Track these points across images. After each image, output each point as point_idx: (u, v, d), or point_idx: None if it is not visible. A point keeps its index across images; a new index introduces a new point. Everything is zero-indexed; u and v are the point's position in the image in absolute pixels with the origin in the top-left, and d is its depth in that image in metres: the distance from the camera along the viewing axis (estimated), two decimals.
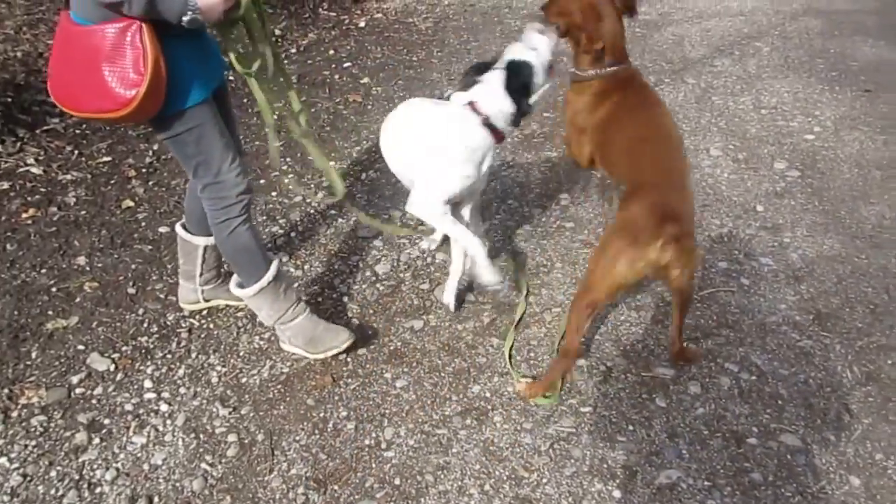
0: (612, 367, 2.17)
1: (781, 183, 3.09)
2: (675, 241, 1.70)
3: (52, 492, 1.79)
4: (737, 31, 4.95)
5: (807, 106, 3.78)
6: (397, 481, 1.83)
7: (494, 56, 2.18)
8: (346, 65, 4.48)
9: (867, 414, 1.97)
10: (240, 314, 2.38)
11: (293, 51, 4.61)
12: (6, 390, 2.07)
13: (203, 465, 1.87)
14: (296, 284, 2.49)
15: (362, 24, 5.17)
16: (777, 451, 1.87)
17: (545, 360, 2.20)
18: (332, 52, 4.65)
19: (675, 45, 4.75)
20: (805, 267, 2.56)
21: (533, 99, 2.10)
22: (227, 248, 2.01)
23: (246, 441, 1.94)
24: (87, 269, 2.58)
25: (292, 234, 2.83)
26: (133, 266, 2.61)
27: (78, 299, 2.43)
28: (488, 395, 2.08)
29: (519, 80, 2.05)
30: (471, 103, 2.08)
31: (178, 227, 2.25)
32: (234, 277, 2.12)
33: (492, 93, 2.06)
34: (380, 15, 5.39)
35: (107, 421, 1.99)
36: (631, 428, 1.96)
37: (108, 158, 3.26)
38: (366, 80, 4.28)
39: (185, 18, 1.56)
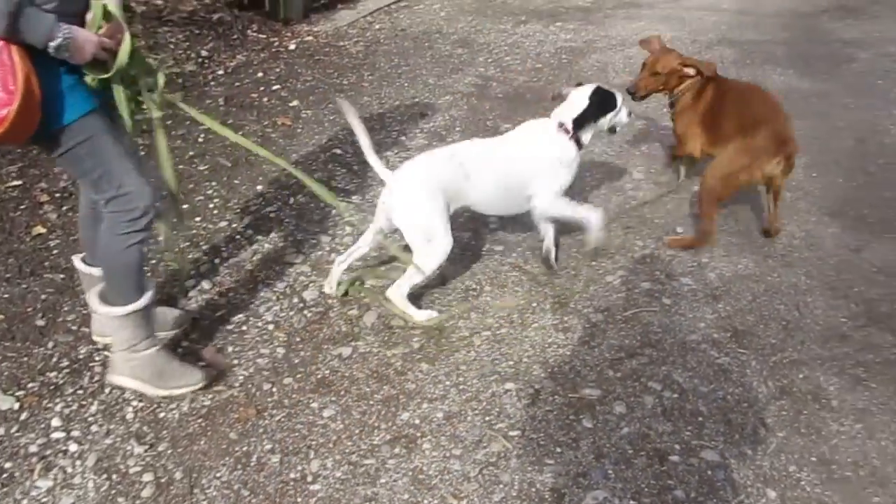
0: (540, 389, 2.18)
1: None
2: (787, 158, 2.67)
3: None
4: None
5: None
6: None
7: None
8: (275, 87, 4.43)
9: (781, 427, 2.04)
10: None
11: (220, 73, 4.53)
12: None
13: None
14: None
15: (292, 47, 5.14)
16: (698, 467, 1.92)
17: (475, 384, 2.19)
18: (260, 74, 4.59)
19: (600, 72, 4.91)
20: (722, 286, 2.66)
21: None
22: (116, 262, 1.91)
23: (163, 480, 1.85)
24: None
25: (216, 261, 2.76)
26: (43, 296, 2.48)
27: None
28: (417, 421, 2.06)
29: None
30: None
31: (76, 262, 2.15)
32: (99, 290, 2.01)
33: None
34: (310, 38, 5.37)
35: (8, 465, 1.87)
36: (559, 450, 1.97)
37: (19, 182, 3.10)
38: (295, 102, 4.24)
39: (52, 44, 1.50)
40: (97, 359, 2.23)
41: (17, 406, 2.04)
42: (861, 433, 2.02)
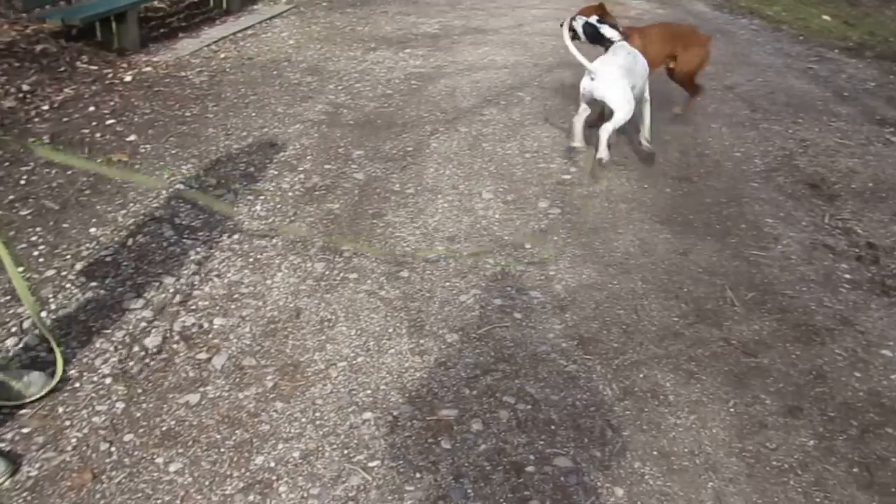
0: (399, 415, 2.17)
1: (545, 220, 3.37)
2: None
3: None
4: (502, 83, 5.37)
5: (563, 149, 4.17)
6: None
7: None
8: (109, 122, 4.17)
9: (626, 426, 2.16)
10: None
11: (45, 108, 4.20)
12: None
13: None
14: None
15: (128, 79, 4.87)
16: (552, 474, 1.98)
17: (332, 418, 2.15)
18: (92, 108, 4.30)
19: (448, 97, 5.04)
20: (568, 296, 2.79)
21: None
22: None
23: None
24: None
25: (43, 314, 2.53)
26: None
27: None
28: (272, 464, 1.98)
29: None
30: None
31: None
32: None
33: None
34: (149, 69, 5.12)
35: None
36: (418, 475, 1.97)
37: None
38: (133, 137, 4.01)
39: None
40: None
41: None
42: (695, 424, 2.19)
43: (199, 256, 2.96)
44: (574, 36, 4.06)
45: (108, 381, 2.26)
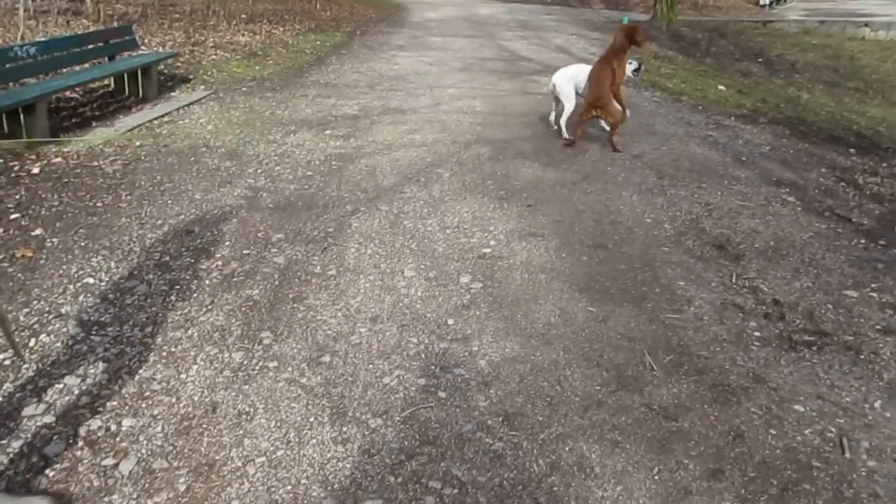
0: None
1: (467, 295, 3.39)
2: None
3: None
4: (421, 160, 5.49)
5: (483, 223, 4.26)
6: None
7: None
8: (13, 216, 4.00)
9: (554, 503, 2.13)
10: None
11: None
12: None
13: None
14: None
15: (36, 171, 4.72)
16: None
17: None
18: None
19: (369, 176, 5.10)
20: (492, 371, 2.79)
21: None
22: None
23: None
24: None
25: None
26: None
27: None
28: None
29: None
30: None
31: None
32: None
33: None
34: (59, 159, 4.98)
35: None
36: None
37: None
38: (39, 231, 3.85)
39: None
40: None
41: None
42: (622, 495, 2.18)
43: (108, 353, 2.81)
44: None
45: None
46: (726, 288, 3.51)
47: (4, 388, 2.58)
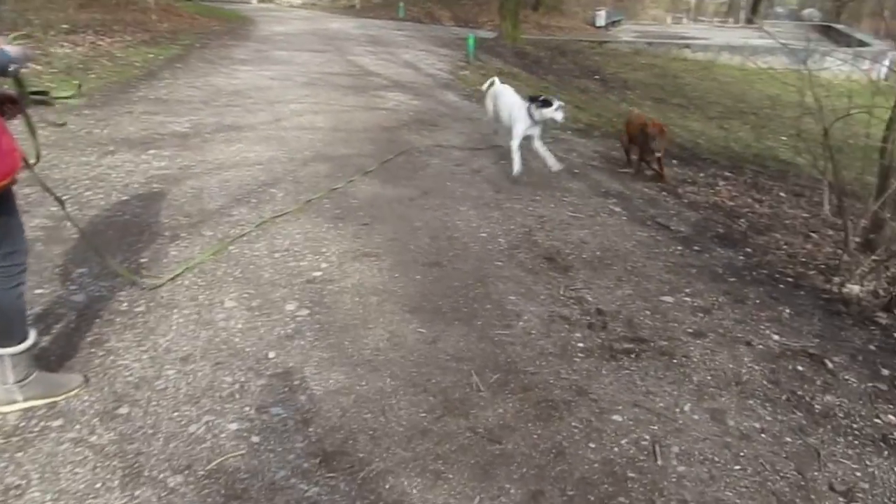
0: None
1: (292, 324, 3.18)
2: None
3: None
4: (254, 180, 5.20)
5: (315, 245, 4.07)
6: None
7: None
8: None
9: None
10: None
11: None
12: None
13: None
14: None
15: None
16: None
17: None
18: None
19: (194, 198, 4.74)
20: (313, 407, 2.60)
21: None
22: (11, 307, 2.38)
23: None
24: None
25: None
26: None
27: None
28: None
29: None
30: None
31: None
32: None
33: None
34: None
35: None
36: None
37: None
38: None
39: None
40: None
41: None
42: None
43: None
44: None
45: None
46: (554, 300, 3.56)
47: None
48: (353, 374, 2.83)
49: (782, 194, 6.65)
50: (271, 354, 2.94)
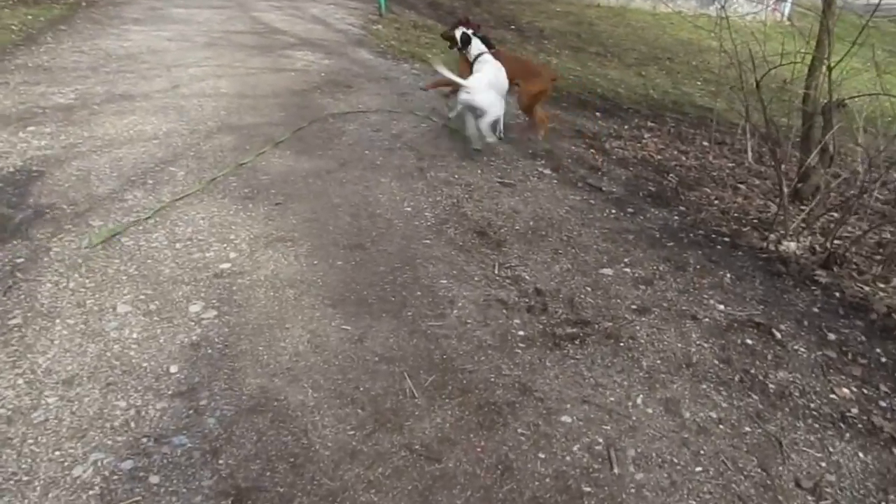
0: None
1: (197, 329, 2.79)
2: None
3: None
4: (151, 157, 4.65)
5: (222, 231, 3.64)
6: None
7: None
8: None
9: None
10: None
11: None
12: None
13: None
14: None
15: None
16: None
17: None
18: None
19: (81, 182, 4.19)
20: (223, 433, 2.26)
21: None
22: None
23: None
24: None
25: None
26: None
27: None
28: None
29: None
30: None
31: None
32: None
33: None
34: None
35: None
36: None
37: None
38: None
39: None
40: None
41: None
42: None
43: None
44: (452, 45, 5.33)
45: None
46: (489, 281, 3.30)
47: None
48: (270, 387, 2.49)
49: (705, 143, 6.61)
50: (173, 369, 2.56)
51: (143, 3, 12.59)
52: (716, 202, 4.73)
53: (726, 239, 4.01)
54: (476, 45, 5.15)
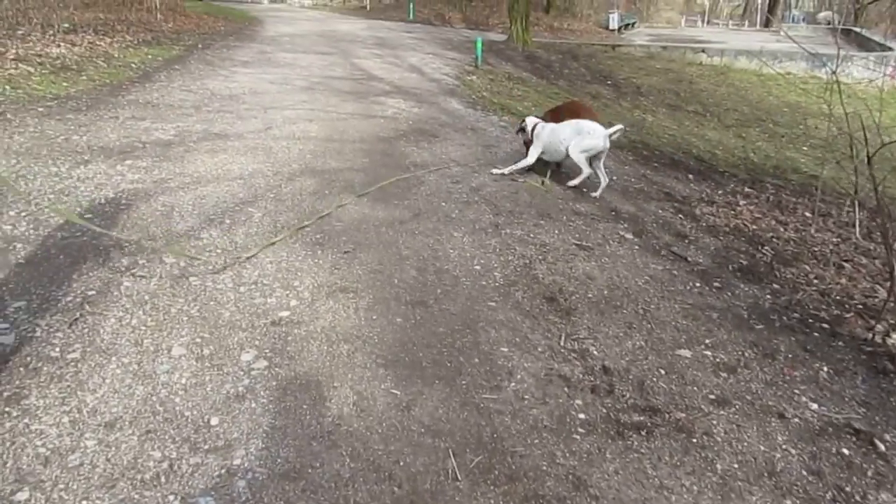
0: None
1: (245, 380, 2.73)
2: None
3: None
4: (232, 197, 4.76)
5: (287, 277, 3.62)
6: None
7: None
8: None
9: None
10: None
11: None
12: None
13: None
14: None
15: None
16: None
17: None
18: None
19: (163, 218, 4.31)
20: (251, 498, 2.15)
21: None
22: None
23: None
24: None
25: None
26: None
27: None
28: None
29: None
30: None
31: None
32: None
33: None
34: None
35: None
36: None
37: None
38: None
39: None
40: None
41: None
42: None
43: None
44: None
45: None
46: (553, 353, 3.08)
47: None
48: (307, 452, 2.37)
49: (808, 214, 6.15)
50: (213, 421, 2.49)
51: (254, 47, 13.34)
52: (815, 282, 4.32)
53: (825, 325, 3.62)
54: (530, 120, 5.81)
